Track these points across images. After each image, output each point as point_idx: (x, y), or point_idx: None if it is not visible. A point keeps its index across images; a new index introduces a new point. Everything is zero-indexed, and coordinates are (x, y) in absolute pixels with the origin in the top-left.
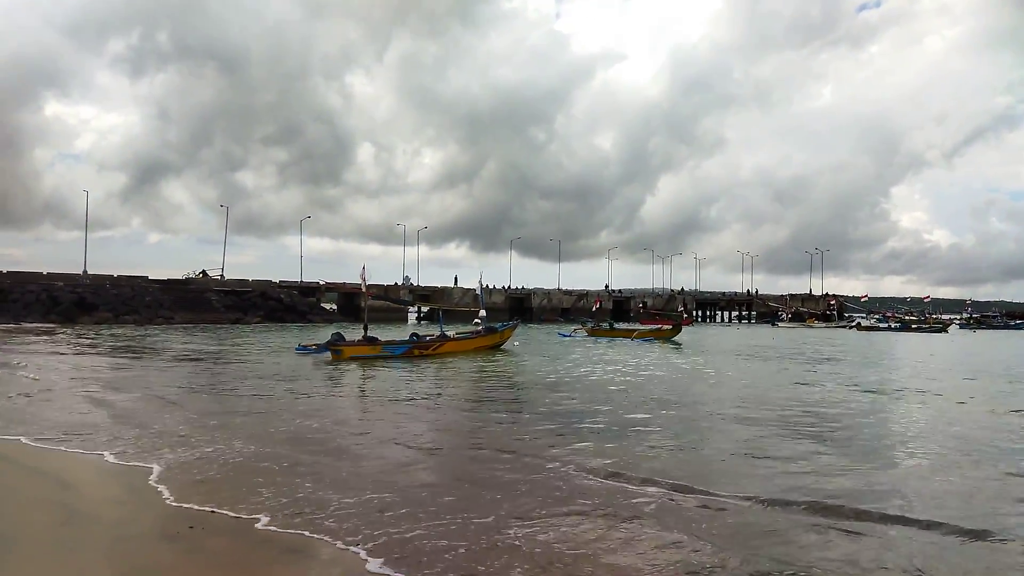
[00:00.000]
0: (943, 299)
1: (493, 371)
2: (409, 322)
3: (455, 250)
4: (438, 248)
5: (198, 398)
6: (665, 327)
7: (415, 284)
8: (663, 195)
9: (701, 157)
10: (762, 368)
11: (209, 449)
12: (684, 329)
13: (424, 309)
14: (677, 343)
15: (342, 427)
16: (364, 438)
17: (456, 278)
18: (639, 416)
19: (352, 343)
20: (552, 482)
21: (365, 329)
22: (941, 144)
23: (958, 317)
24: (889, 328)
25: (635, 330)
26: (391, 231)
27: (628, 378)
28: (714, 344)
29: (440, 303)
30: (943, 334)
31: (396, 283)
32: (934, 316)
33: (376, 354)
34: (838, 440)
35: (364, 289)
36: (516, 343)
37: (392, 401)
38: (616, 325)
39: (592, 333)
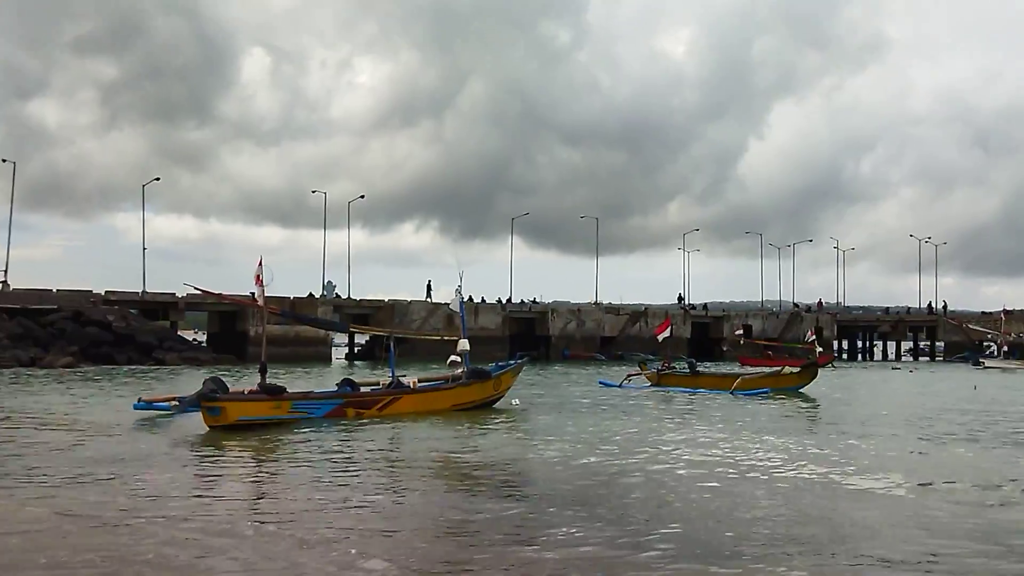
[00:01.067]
0: None
1: (482, 451)
2: (335, 361)
3: (414, 236)
4: (385, 232)
5: None
6: (788, 370)
7: (345, 296)
8: (778, 138)
9: (845, 72)
10: (963, 457)
11: None
12: (819, 372)
13: (363, 339)
14: (809, 400)
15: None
16: None
17: (429, 285)
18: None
19: (240, 396)
20: None
21: (263, 373)
22: None
23: None
24: None
25: (736, 376)
26: (302, 203)
27: (726, 473)
28: (871, 402)
29: (390, 327)
30: None
31: (313, 294)
32: None
33: (283, 415)
34: None
35: (261, 302)
36: (515, 402)
37: (304, 517)
38: (701, 367)
39: (660, 381)
